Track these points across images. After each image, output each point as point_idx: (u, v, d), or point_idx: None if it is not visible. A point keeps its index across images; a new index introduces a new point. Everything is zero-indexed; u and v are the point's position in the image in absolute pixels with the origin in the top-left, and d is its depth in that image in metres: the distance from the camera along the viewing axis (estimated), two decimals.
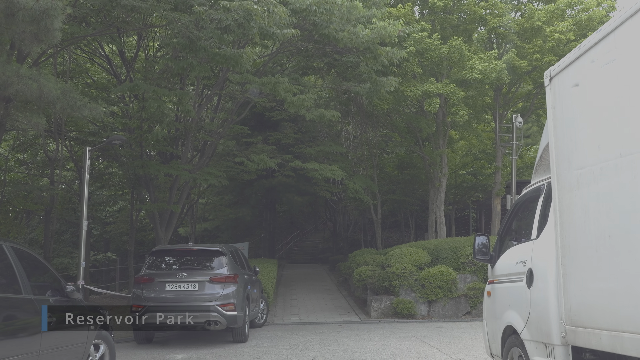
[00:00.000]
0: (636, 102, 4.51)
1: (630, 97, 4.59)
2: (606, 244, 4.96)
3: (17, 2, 7.97)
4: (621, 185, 4.73)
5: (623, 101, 4.72)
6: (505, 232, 7.71)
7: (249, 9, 12.30)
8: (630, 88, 4.60)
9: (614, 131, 4.87)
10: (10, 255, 6.65)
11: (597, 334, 5.07)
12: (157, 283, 13.11)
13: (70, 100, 10.94)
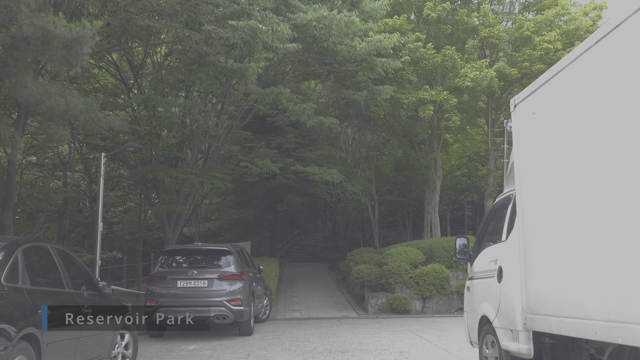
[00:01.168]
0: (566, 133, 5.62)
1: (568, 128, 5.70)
2: (550, 245, 6.08)
3: (52, 31, 9.01)
4: (564, 196, 5.83)
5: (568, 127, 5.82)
6: (482, 234, 8.80)
7: (254, 27, 13.39)
8: (570, 118, 5.71)
9: (565, 150, 5.95)
10: (54, 255, 7.75)
11: (548, 320, 6.17)
12: (170, 280, 14.18)
13: (92, 113, 12.01)
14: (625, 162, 4.74)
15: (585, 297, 5.40)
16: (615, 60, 4.95)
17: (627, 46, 4.77)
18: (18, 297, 6.39)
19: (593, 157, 5.27)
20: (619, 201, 4.84)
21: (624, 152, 4.76)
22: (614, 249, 4.92)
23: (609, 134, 5.01)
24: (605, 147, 5.07)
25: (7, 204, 15.75)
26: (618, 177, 4.86)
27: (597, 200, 5.21)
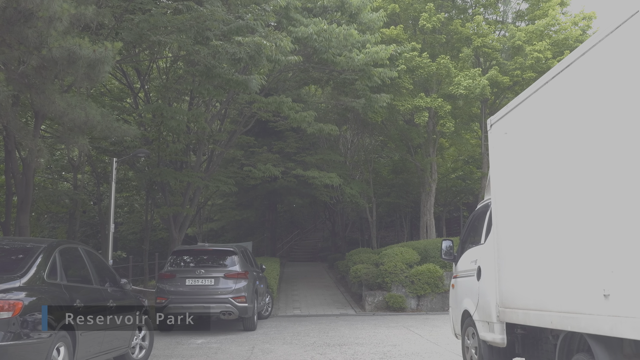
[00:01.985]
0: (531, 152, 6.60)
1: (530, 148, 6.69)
2: (518, 248, 7.07)
3: (78, 53, 9.95)
4: (528, 207, 6.81)
5: (531, 149, 6.80)
6: (465, 237, 9.77)
7: (259, 43, 14.37)
8: (532, 141, 6.69)
9: (530, 167, 6.93)
10: (84, 255, 8.72)
11: (517, 312, 7.14)
12: (179, 278, 15.16)
13: (108, 123, 12.98)
14: (574, 184, 5.73)
15: (543, 293, 6.38)
16: (564, 95, 5.94)
17: (572, 84, 5.76)
18: (57, 292, 7.36)
19: (548, 176, 6.27)
20: (569, 217, 5.83)
21: (574, 174, 5.75)
22: (566, 254, 5.90)
23: (563, 156, 5.99)
24: (558, 167, 6.06)
25: (24, 207, 16.74)
26: (568, 196, 5.85)
27: (552, 214, 6.20)
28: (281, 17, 17.80)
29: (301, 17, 18.40)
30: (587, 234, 5.49)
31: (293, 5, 17.68)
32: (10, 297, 6.34)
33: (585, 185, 5.52)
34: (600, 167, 5.30)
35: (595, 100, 5.39)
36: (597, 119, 5.34)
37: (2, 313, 6.13)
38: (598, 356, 5.29)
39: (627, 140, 4.84)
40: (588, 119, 5.51)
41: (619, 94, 4.99)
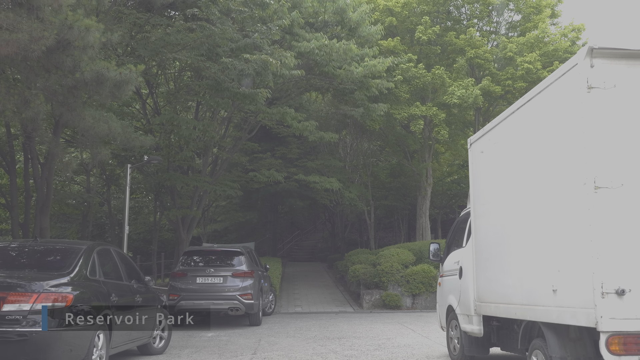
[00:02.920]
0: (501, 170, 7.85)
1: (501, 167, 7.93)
2: (491, 251, 8.31)
3: (105, 75, 11.17)
4: (499, 216, 8.05)
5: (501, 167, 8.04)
6: (450, 241, 11.00)
7: (265, 60, 15.62)
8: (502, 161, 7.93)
9: (500, 183, 8.17)
10: (115, 255, 9.96)
11: (489, 306, 8.38)
12: (190, 277, 16.37)
13: (127, 135, 14.21)
14: (530, 201, 6.98)
15: (509, 289, 7.62)
16: (520, 127, 7.19)
17: (526, 119, 7.02)
18: (97, 287, 8.57)
19: (511, 193, 7.52)
20: (526, 227, 7.09)
21: (528, 192, 7.00)
22: (525, 257, 7.14)
23: (520, 177, 7.24)
24: (517, 186, 7.31)
25: (45, 209, 17.99)
26: (525, 210, 7.10)
27: (513, 224, 7.45)
28: (285, 32, 19.00)
29: (304, 32, 19.63)
30: (540, 240, 6.74)
31: (297, 22, 18.93)
32: (62, 290, 7.56)
33: (538, 202, 6.79)
34: (545, 188, 6.57)
35: (542, 132, 6.67)
36: (545, 147, 6.61)
37: (57, 304, 7.35)
38: (549, 340, 6.51)
39: (566, 167, 6.09)
40: (538, 146, 6.79)
41: (558, 128, 6.26)
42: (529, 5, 27.23)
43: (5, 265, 8.47)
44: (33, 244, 9.39)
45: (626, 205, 5.62)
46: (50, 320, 7.22)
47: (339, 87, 23.15)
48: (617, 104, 5.77)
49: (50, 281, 7.58)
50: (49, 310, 7.24)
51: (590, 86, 5.77)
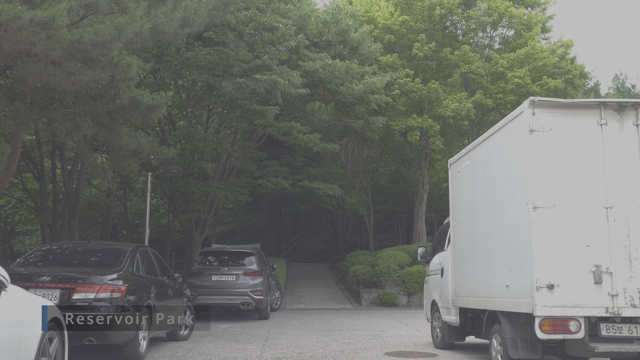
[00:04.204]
0: (471, 189, 9.71)
1: (471, 186, 9.79)
2: (464, 254, 10.16)
3: (140, 100, 12.98)
4: (470, 226, 9.90)
5: (472, 186, 9.89)
6: (435, 245, 12.84)
7: (275, 80, 17.49)
8: (472, 181, 9.79)
9: (471, 199, 10.01)
10: (151, 254, 11.80)
11: (462, 299, 10.22)
12: (206, 275, 18.21)
13: (153, 148, 16.05)
14: (489, 216, 8.83)
15: (477, 285, 9.46)
16: (481, 156, 9.04)
17: (487, 150, 8.87)
18: (141, 281, 10.39)
19: (476, 208, 9.37)
20: (486, 237, 8.94)
21: (487, 209, 8.85)
22: (487, 259, 8.98)
23: (482, 196, 9.08)
24: (480, 203, 9.16)
25: (74, 213, 19.87)
26: (485, 224, 8.95)
27: (479, 233, 9.30)
28: (291, 53, 20.82)
29: (309, 52, 21.48)
30: (497, 246, 8.60)
31: (302, 43, 20.79)
32: (118, 283, 9.38)
33: (495, 216, 8.65)
34: (500, 206, 8.43)
35: (498, 161, 8.54)
36: (500, 173, 8.47)
37: (114, 294, 9.18)
38: (504, 325, 8.33)
39: (514, 190, 7.95)
40: (495, 172, 8.67)
41: (508, 159, 8.12)
42: (520, 23, 29.00)
43: (68, 262, 10.31)
44: (88, 245, 11.24)
45: (557, 221, 7.45)
46: (109, 307, 9.06)
47: (341, 101, 24.97)
48: (552, 143, 7.60)
49: (107, 276, 9.41)
50: (109, 299, 9.08)
51: (532, 129, 7.61)
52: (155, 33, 9.87)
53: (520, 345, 8.01)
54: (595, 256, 7.38)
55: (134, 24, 8.55)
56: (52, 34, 7.87)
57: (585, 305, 7.32)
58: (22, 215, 30.80)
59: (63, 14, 7.79)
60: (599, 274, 7.33)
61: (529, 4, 30.14)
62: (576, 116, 7.69)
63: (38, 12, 7.50)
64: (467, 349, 11.78)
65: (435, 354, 11.10)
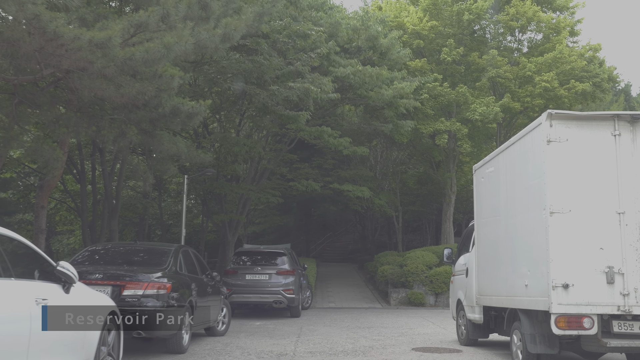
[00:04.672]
0: (494, 194, 10.28)
1: (494, 191, 10.37)
2: (488, 256, 10.74)
3: (180, 108, 13.74)
4: (492, 229, 10.48)
5: (494, 192, 10.46)
6: (461, 246, 13.42)
7: (307, 88, 18.19)
8: (495, 187, 10.37)
9: (494, 204, 10.59)
10: (191, 254, 12.56)
11: (486, 297, 10.80)
12: (240, 274, 18.96)
13: (191, 153, 16.82)
14: (509, 220, 9.40)
15: (499, 285, 10.03)
16: (503, 163, 9.62)
17: (507, 158, 9.45)
18: (183, 279, 11.14)
19: (499, 212, 9.95)
20: (508, 240, 9.51)
21: (509, 213, 9.43)
22: (508, 261, 9.55)
23: (504, 201, 9.66)
24: (503, 207, 9.74)
25: (114, 214, 20.75)
26: (507, 227, 9.53)
27: (501, 236, 9.87)
28: (322, 59, 21.49)
29: (339, 58, 22.14)
30: (517, 248, 9.17)
31: (333, 50, 21.46)
32: (163, 281, 10.12)
33: (515, 220, 9.23)
34: (519, 210, 9.00)
35: (518, 169, 9.12)
36: (519, 180, 9.05)
37: (160, 291, 9.93)
38: (523, 322, 8.90)
39: (532, 196, 8.52)
40: (515, 179, 9.23)
41: (527, 167, 8.70)
42: (548, 27, 29.32)
43: (117, 262, 11.10)
44: (134, 245, 12.04)
45: (572, 225, 8.01)
46: (156, 303, 9.82)
47: (370, 105, 25.58)
48: (568, 153, 8.16)
49: (154, 274, 10.17)
50: (155, 295, 9.84)
51: (550, 140, 8.17)
52: (198, 47, 10.61)
53: (538, 340, 8.58)
54: (608, 258, 7.92)
55: (182, 42, 9.27)
56: (107, 53, 8.62)
57: (599, 304, 7.87)
58: (61, 216, 31.94)
59: (118, 34, 8.55)
60: (612, 274, 7.86)
61: (558, 8, 30.43)
62: (591, 127, 8.24)
63: (96, 33, 8.26)
64: (490, 346, 12.34)
65: (459, 350, 11.69)
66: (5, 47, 8.01)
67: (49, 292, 6.04)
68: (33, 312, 5.56)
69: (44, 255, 6.42)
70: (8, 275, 5.47)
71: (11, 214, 27.59)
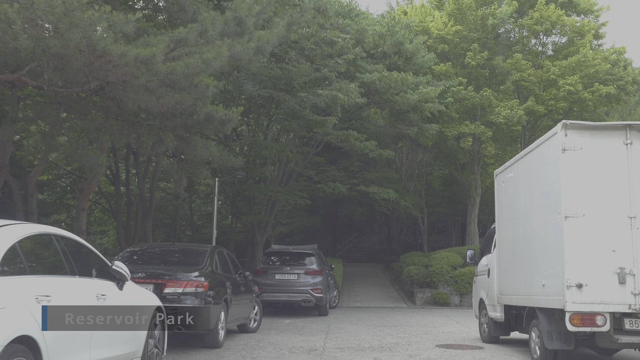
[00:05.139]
0: (513, 198, 10.81)
1: (513, 196, 10.90)
2: (508, 257, 11.26)
3: (214, 115, 14.39)
4: (512, 232, 11.01)
5: (514, 196, 10.99)
6: (483, 248, 13.94)
7: (335, 95, 18.83)
8: (514, 191, 10.89)
9: (513, 207, 11.11)
10: (225, 254, 13.24)
11: (507, 297, 11.32)
12: (270, 274, 19.61)
13: (223, 157, 17.51)
14: (528, 223, 9.93)
15: (518, 285, 10.56)
16: (521, 169, 10.14)
17: (525, 164, 9.98)
18: (219, 278, 11.81)
19: (519, 215, 10.48)
20: (527, 243, 10.04)
21: (529, 216, 9.95)
22: (527, 262, 10.08)
23: (524, 205, 10.19)
24: (523, 211, 10.27)
25: (148, 215, 21.54)
26: (526, 230, 10.06)
27: (520, 239, 10.40)
28: (349, 65, 22.11)
29: (365, 63, 22.76)
30: (535, 250, 9.69)
31: (359, 55, 22.07)
32: (201, 279, 10.80)
33: (533, 224, 9.76)
34: (537, 215, 9.53)
35: (535, 175, 9.65)
36: (537, 186, 9.57)
37: (199, 288, 10.61)
38: (540, 319, 9.42)
39: (549, 201, 9.05)
40: (533, 184, 9.76)
41: (544, 174, 9.22)
42: (573, 30, 29.62)
43: (157, 261, 11.82)
44: (172, 246, 12.77)
45: (586, 228, 8.52)
46: (194, 300, 10.50)
47: (396, 108, 26.14)
48: (582, 160, 8.67)
49: (192, 273, 10.86)
50: (194, 293, 10.52)
51: (565, 148, 8.69)
52: (232, 60, 11.25)
53: (555, 337, 9.09)
54: (620, 260, 8.42)
55: (219, 58, 9.94)
56: (151, 68, 9.30)
57: (611, 302, 8.37)
58: (95, 217, 32.93)
59: (161, 51, 9.23)
60: (623, 275, 8.36)
61: (582, 11, 30.70)
62: (604, 137, 8.74)
63: (141, 51, 8.94)
64: (510, 343, 12.84)
65: (481, 347, 12.22)
66: (56, 62, 8.71)
67: (107, 288, 6.73)
68: (96, 306, 6.26)
69: (100, 255, 7.11)
70: (73, 273, 6.16)
71: (48, 214, 28.54)
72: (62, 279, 5.89)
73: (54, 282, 5.69)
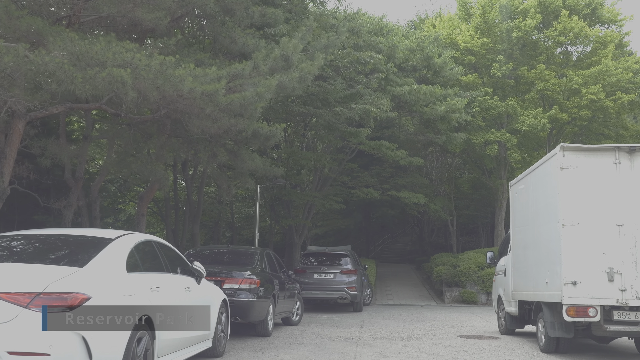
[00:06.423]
0: (524, 207, 12.45)
1: (524, 205, 12.53)
2: (520, 258, 12.90)
3: (260, 131, 16.23)
4: (523, 236, 12.64)
5: (524, 205, 12.61)
6: (501, 250, 15.55)
7: (367, 108, 20.56)
8: (525, 201, 12.52)
9: (524, 215, 12.73)
10: (272, 255, 15.06)
11: (519, 293, 12.94)
12: (308, 273, 21.39)
13: (266, 168, 19.33)
14: (535, 230, 11.56)
15: (527, 282, 12.19)
16: (530, 183, 11.77)
17: (533, 179, 11.60)
18: (268, 276, 13.60)
19: (528, 224, 12.11)
20: (534, 245, 11.67)
21: (535, 224, 11.59)
22: (535, 263, 11.70)
23: (531, 214, 11.82)
24: (530, 220, 11.90)
25: (196, 219, 23.46)
26: (533, 235, 11.69)
27: (529, 243, 12.03)
28: (381, 79, 23.81)
29: (396, 77, 24.44)
30: (540, 253, 11.33)
31: (391, 71, 23.77)
32: (253, 277, 12.60)
33: (538, 230, 11.39)
34: (541, 223, 11.17)
35: (540, 189, 11.28)
36: (541, 198, 11.20)
37: (252, 285, 12.42)
38: (545, 312, 11.04)
39: (550, 211, 10.68)
40: (538, 196, 11.39)
41: (546, 188, 10.86)
42: (596, 40, 30.86)
43: (214, 261, 13.68)
44: (227, 248, 14.63)
45: (580, 234, 10.12)
46: (248, 295, 12.32)
47: (424, 118, 27.76)
48: (577, 177, 10.28)
49: (245, 272, 12.69)
50: (248, 289, 12.35)
51: (562, 167, 10.31)
52: (279, 88, 13.05)
53: (557, 327, 10.72)
54: (609, 261, 10.00)
55: (270, 90, 11.74)
56: (214, 100, 11.11)
57: (601, 297, 9.96)
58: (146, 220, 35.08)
59: (222, 86, 11.04)
60: (612, 274, 9.94)
61: (605, 21, 31.89)
62: (597, 156, 10.34)
63: (207, 87, 10.74)
64: (524, 335, 14.45)
65: (498, 337, 13.87)
66: (136, 97, 10.53)
67: (190, 283, 8.57)
68: (185, 295, 8.12)
69: (182, 256, 8.95)
70: (168, 270, 8.02)
71: (102, 218, 30.72)
72: (162, 274, 7.73)
73: (159, 277, 7.52)
